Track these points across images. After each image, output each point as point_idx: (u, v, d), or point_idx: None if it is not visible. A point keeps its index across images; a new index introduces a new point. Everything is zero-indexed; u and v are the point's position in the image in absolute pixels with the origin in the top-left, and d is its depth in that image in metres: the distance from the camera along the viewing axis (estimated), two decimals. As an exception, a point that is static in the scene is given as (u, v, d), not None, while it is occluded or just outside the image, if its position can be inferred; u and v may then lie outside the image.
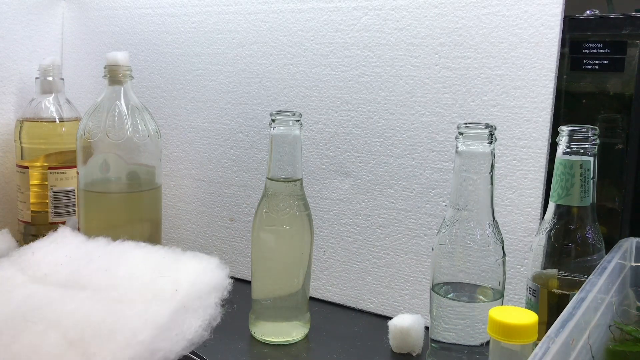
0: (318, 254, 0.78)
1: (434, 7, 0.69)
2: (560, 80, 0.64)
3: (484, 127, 0.56)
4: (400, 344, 0.65)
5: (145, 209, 0.81)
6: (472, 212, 0.57)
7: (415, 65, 0.71)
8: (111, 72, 0.77)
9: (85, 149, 0.77)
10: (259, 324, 0.68)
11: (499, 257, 0.57)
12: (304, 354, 0.66)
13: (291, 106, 0.79)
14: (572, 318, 0.42)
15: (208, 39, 0.86)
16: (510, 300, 0.66)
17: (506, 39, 0.65)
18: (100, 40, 0.98)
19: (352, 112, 0.75)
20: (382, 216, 0.74)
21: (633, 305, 0.56)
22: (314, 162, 0.78)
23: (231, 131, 0.85)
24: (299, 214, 0.66)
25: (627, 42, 0.62)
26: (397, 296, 0.74)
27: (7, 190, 0.94)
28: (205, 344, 0.66)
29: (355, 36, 0.75)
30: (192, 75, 0.88)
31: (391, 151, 0.73)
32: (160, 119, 0.90)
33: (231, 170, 0.86)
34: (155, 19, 0.91)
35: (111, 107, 0.77)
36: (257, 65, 0.82)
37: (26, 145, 0.88)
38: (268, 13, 0.81)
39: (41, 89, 0.89)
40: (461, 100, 0.68)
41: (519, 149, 0.65)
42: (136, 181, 0.79)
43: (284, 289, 0.67)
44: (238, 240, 0.86)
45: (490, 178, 0.57)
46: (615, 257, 0.54)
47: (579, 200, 0.56)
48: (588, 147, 0.55)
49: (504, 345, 0.46)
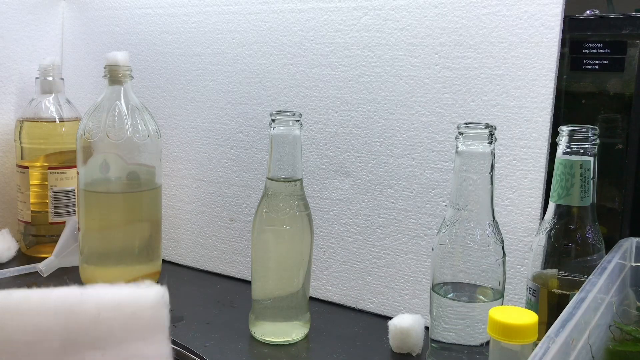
0: (318, 254, 0.78)
1: (434, 7, 0.69)
2: (560, 80, 0.64)
3: (484, 127, 0.56)
4: (400, 344, 0.65)
5: (145, 209, 0.81)
6: (472, 212, 0.57)
7: (415, 65, 0.71)
8: (111, 72, 0.77)
9: (85, 149, 0.77)
10: (259, 324, 0.68)
11: (499, 257, 0.57)
12: (304, 354, 0.66)
13: (291, 106, 0.79)
14: (572, 318, 0.42)
15: (208, 39, 0.86)
16: (510, 300, 0.66)
17: (506, 39, 0.65)
18: (100, 40, 0.98)
19: (352, 112, 0.75)
20: (382, 216, 0.74)
21: (633, 305, 0.56)
22: (314, 162, 0.78)
23: (231, 131, 0.85)
24: (299, 214, 0.66)
25: (627, 42, 0.62)
26: (397, 296, 0.74)
27: (7, 190, 0.94)
28: (205, 344, 0.66)
29: (355, 36, 0.75)
30: (192, 75, 0.88)
31: (391, 151, 0.73)
32: (160, 119, 0.90)
33: (231, 170, 0.86)
34: (155, 19, 0.91)
35: (111, 107, 0.77)
36: (257, 65, 0.82)
37: (26, 145, 0.88)
38: (268, 13, 0.81)
39: (41, 89, 0.89)
40: (461, 100, 0.68)
41: (519, 149, 0.65)
42: (136, 181, 0.79)
43: (284, 289, 0.67)
44: (238, 240, 0.86)
45: (490, 178, 0.57)
46: (615, 257, 0.54)
47: (579, 200, 0.56)
48: (588, 147, 0.55)
49: (504, 345, 0.46)
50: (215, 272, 0.88)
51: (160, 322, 0.38)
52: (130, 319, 0.37)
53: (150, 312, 0.38)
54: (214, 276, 0.88)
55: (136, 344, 0.37)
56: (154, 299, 0.38)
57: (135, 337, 0.37)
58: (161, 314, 0.38)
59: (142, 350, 0.37)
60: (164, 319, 0.38)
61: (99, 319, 0.36)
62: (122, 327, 0.37)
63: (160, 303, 0.38)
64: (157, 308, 0.38)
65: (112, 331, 0.36)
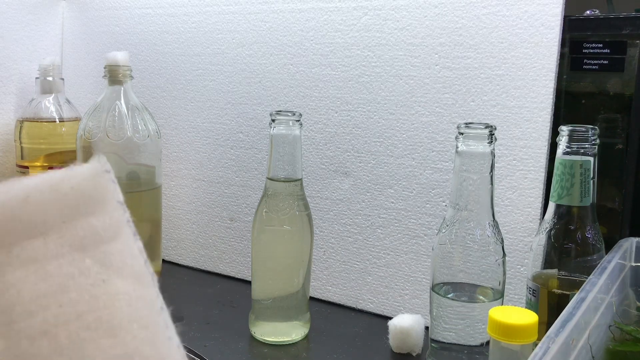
0: (318, 254, 0.78)
1: (434, 7, 0.69)
2: (560, 80, 0.64)
3: (484, 127, 0.56)
4: (400, 344, 0.65)
5: (145, 209, 0.81)
6: (472, 212, 0.57)
7: (415, 65, 0.71)
8: (111, 72, 0.77)
9: (85, 149, 0.77)
10: (259, 324, 0.68)
11: (499, 257, 0.57)
12: (304, 354, 0.66)
13: (291, 106, 0.79)
14: (572, 318, 0.42)
15: (208, 39, 0.86)
16: (510, 300, 0.66)
17: (506, 39, 0.65)
18: (100, 40, 0.98)
19: (352, 112, 0.75)
20: (382, 216, 0.74)
21: (633, 305, 0.56)
22: (314, 162, 0.78)
23: (231, 131, 0.85)
24: (299, 214, 0.66)
25: (627, 42, 0.62)
26: (397, 296, 0.74)
27: (7, 190, 0.93)
28: (205, 344, 0.66)
29: (355, 36, 0.75)
30: (192, 75, 0.88)
31: (391, 151, 0.73)
32: (160, 119, 0.90)
33: (231, 170, 0.86)
34: (155, 19, 0.91)
35: (111, 107, 0.77)
36: (257, 65, 0.82)
37: (26, 145, 0.88)
38: (268, 13, 0.81)
39: (41, 89, 0.89)
40: (461, 100, 0.68)
41: (519, 149, 0.65)
42: (136, 181, 0.79)
43: (284, 289, 0.67)
44: (238, 240, 0.86)
45: (490, 178, 0.57)
46: (615, 257, 0.54)
47: (579, 200, 0.56)
48: (588, 147, 0.55)
49: (504, 345, 0.46)
50: (215, 272, 0.88)
51: (106, 191, 0.34)
52: (67, 196, 0.32)
53: (90, 184, 0.33)
54: (214, 276, 0.88)
55: (85, 220, 0.32)
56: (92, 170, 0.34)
57: (80, 214, 0.32)
58: (104, 182, 0.34)
59: (93, 224, 0.33)
60: (109, 187, 0.34)
61: (28, 201, 0.31)
62: (60, 206, 0.32)
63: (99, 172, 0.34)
64: (98, 177, 0.34)
65: (47, 212, 0.32)
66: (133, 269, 0.33)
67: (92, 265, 0.32)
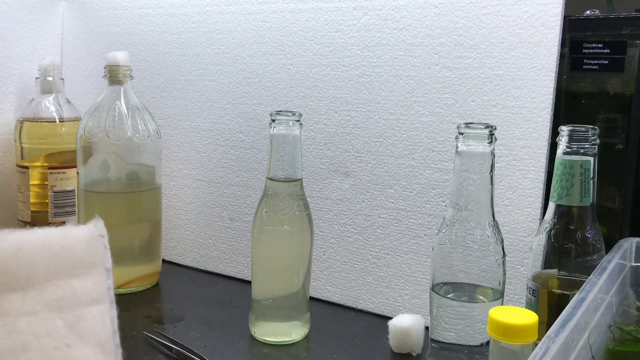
0: (318, 254, 0.78)
1: (434, 7, 0.69)
2: (560, 80, 0.64)
3: (484, 127, 0.56)
4: (400, 344, 0.65)
5: (145, 209, 0.81)
6: (472, 212, 0.57)
7: (415, 65, 0.71)
8: (111, 72, 0.77)
9: (85, 149, 0.77)
10: (259, 324, 0.68)
11: (499, 257, 0.57)
12: (304, 354, 0.66)
13: (291, 106, 0.79)
14: (572, 318, 0.42)
15: (208, 39, 0.86)
16: (510, 300, 0.66)
17: (506, 39, 0.65)
18: (100, 40, 0.98)
19: (352, 112, 0.75)
20: (382, 216, 0.74)
21: (633, 305, 0.56)
22: (314, 162, 0.78)
23: (231, 131, 0.85)
24: (299, 214, 0.66)
25: (627, 42, 0.62)
26: (397, 296, 0.74)
27: (7, 190, 0.94)
28: (205, 344, 0.66)
29: (355, 36, 0.75)
30: (192, 75, 0.88)
31: (391, 151, 0.73)
32: (160, 119, 0.90)
33: (231, 170, 0.86)
34: (155, 19, 0.91)
35: (111, 107, 0.77)
36: (257, 65, 0.82)
37: (26, 145, 0.88)
38: (268, 13, 0.81)
39: (41, 89, 0.89)
40: (461, 100, 0.68)
41: (519, 149, 0.65)
42: (136, 181, 0.79)
43: (284, 289, 0.67)
44: (238, 240, 0.86)
45: (490, 178, 0.57)
46: (615, 257, 0.54)
47: (579, 200, 0.56)
48: (588, 147, 0.55)
49: (504, 345, 0.46)
50: (215, 272, 0.88)
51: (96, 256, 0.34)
52: (57, 255, 0.33)
53: (82, 247, 0.34)
54: (214, 276, 0.88)
55: (67, 281, 0.33)
56: (87, 233, 0.34)
57: (65, 274, 0.33)
58: (96, 247, 0.34)
59: (75, 287, 0.33)
60: (99, 252, 0.34)
61: (18, 255, 0.32)
62: (47, 264, 0.32)
63: (94, 236, 0.34)
64: (91, 241, 0.34)
65: (33, 268, 0.32)
66: (100, 338, 0.33)
67: (62, 327, 0.32)
